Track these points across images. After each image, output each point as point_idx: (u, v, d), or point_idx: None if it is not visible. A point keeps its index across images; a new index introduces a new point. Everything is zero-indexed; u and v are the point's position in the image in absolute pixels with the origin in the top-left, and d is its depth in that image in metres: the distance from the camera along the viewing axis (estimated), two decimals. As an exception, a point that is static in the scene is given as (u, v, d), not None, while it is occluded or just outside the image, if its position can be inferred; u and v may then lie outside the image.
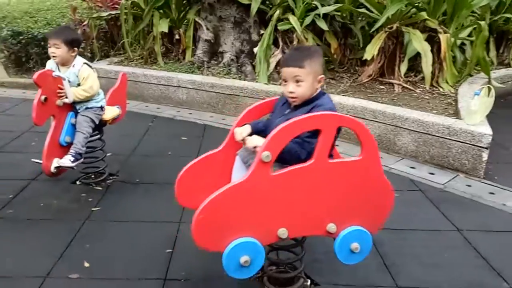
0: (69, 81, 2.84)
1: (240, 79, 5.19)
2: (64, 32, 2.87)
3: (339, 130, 1.74)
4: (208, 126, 4.58)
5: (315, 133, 1.68)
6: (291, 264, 2.09)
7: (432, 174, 3.46)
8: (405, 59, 4.73)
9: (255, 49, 5.39)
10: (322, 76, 1.85)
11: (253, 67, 5.42)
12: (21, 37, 6.26)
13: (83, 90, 2.86)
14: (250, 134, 1.91)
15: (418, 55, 4.59)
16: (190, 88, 5.18)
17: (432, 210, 2.90)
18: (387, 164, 3.62)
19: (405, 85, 4.67)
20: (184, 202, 2.08)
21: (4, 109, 4.95)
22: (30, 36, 6.22)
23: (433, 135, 3.57)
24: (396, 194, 3.05)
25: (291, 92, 1.82)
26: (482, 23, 4.59)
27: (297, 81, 1.80)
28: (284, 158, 1.68)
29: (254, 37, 5.66)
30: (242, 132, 1.91)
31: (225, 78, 5.22)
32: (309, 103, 1.84)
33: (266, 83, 4.87)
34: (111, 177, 3.21)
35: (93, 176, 3.16)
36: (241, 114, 2.07)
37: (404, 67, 4.72)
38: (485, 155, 3.33)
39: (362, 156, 1.73)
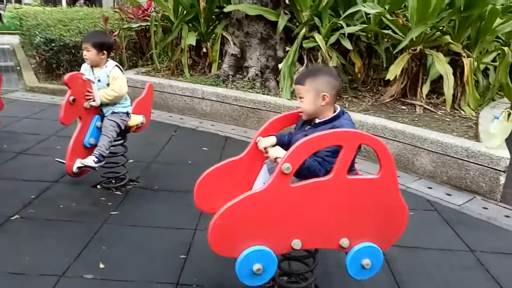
0: (99, 81, 2.99)
1: (263, 94, 5.28)
2: (94, 36, 3.04)
3: (359, 147, 1.78)
4: (229, 138, 4.66)
5: (335, 153, 1.74)
6: (302, 275, 2.12)
7: (449, 195, 3.44)
8: (427, 81, 4.74)
9: (280, 65, 5.48)
10: (325, 93, 1.90)
11: (277, 82, 5.51)
12: (53, 44, 6.51)
13: (111, 89, 2.99)
14: (274, 145, 1.98)
15: (441, 78, 4.59)
16: (214, 101, 5.29)
17: (446, 231, 2.89)
18: (404, 183, 3.61)
19: (426, 106, 4.67)
20: (202, 206, 2.13)
21: (32, 113, 5.17)
22: (62, 43, 6.47)
23: (452, 157, 3.56)
24: (411, 213, 3.05)
25: (298, 107, 1.98)
26: (506, 48, 4.58)
27: (300, 98, 1.95)
28: (303, 174, 1.74)
29: (280, 53, 5.77)
30: (266, 141, 1.98)
31: (249, 92, 5.32)
32: (328, 122, 1.91)
33: (289, 99, 4.95)
34: (131, 183, 3.31)
35: (113, 181, 3.27)
36: (265, 124, 2.13)
37: (426, 89, 4.72)
38: (502, 179, 3.31)
39: (380, 174, 1.76)
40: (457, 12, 4.53)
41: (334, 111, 1.95)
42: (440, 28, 4.72)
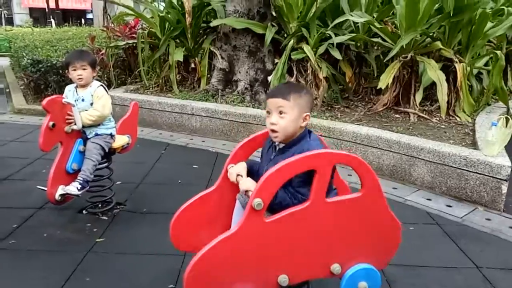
0: (83, 100, 2.88)
1: (253, 107, 5.19)
2: (88, 54, 2.99)
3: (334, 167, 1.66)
4: (220, 154, 4.55)
5: (307, 183, 1.61)
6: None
7: (450, 206, 3.32)
8: (420, 88, 4.66)
9: (269, 78, 5.41)
10: (308, 114, 1.76)
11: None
12: (40, 66, 6.42)
13: (94, 109, 2.87)
14: (247, 172, 1.83)
15: (434, 84, 4.51)
16: (203, 116, 5.19)
17: (449, 245, 2.75)
18: (402, 195, 3.50)
19: (420, 114, 4.58)
20: (181, 247, 2.00)
21: (20, 136, 5.04)
22: (49, 64, 6.37)
23: (450, 166, 3.45)
24: (411, 227, 2.98)
25: (272, 124, 1.73)
26: (499, 52, 4.51)
27: (281, 113, 1.72)
28: (275, 209, 1.60)
29: (269, 66, 5.69)
30: (236, 172, 1.81)
31: (239, 106, 5.22)
32: (294, 144, 1.75)
33: (279, 112, 4.83)
34: (118, 207, 3.16)
35: (100, 205, 3.12)
36: (234, 149, 1.98)
37: (419, 96, 4.63)
38: (504, 188, 3.19)
39: (362, 192, 1.64)
40: (447, 18, 4.47)
41: None
42: (430, 34, 4.65)
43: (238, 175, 1.80)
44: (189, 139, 5.09)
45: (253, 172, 1.84)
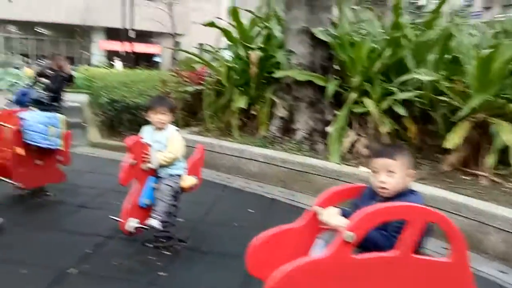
0: (158, 142, 3.11)
1: (311, 157, 5.21)
2: (168, 101, 3.33)
3: (429, 229, 1.67)
4: (275, 200, 4.58)
5: (403, 229, 1.64)
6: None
7: (525, 281, 3.07)
8: (492, 151, 4.43)
9: (327, 128, 5.43)
10: (412, 170, 1.88)
11: (325, 145, 5.44)
12: (116, 105, 6.91)
13: (169, 151, 3.09)
14: None
15: (508, 146, 4.29)
16: (261, 162, 5.27)
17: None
18: (472, 265, 3.28)
19: (492, 177, 4.34)
20: (255, 272, 1.99)
21: (93, 168, 5.37)
22: (124, 104, 6.85)
23: (526, 237, 3.22)
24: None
25: (382, 182, 1.86)
26: None
27: (390, 172, 1.85)
28: (365, 246, 1.64)
29: (328, 117, 5.73)
30: (332, 213, 1.88)
31: (297, 154, 5.26)
32: (398, 197, 1.84)
33: (338, 163, 4.82)
34: (180, 243, 3.25)
35: (164, 240, 3.23)
36: (325, 194, 2.01)
37: (491, 159, 4.39)
38: None
39: (451, 258, 1.60)
40: (521, 80, 4.34)
41: None
42: (504, 95, 4.50)
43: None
44: (246, 183, 5.16)
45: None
